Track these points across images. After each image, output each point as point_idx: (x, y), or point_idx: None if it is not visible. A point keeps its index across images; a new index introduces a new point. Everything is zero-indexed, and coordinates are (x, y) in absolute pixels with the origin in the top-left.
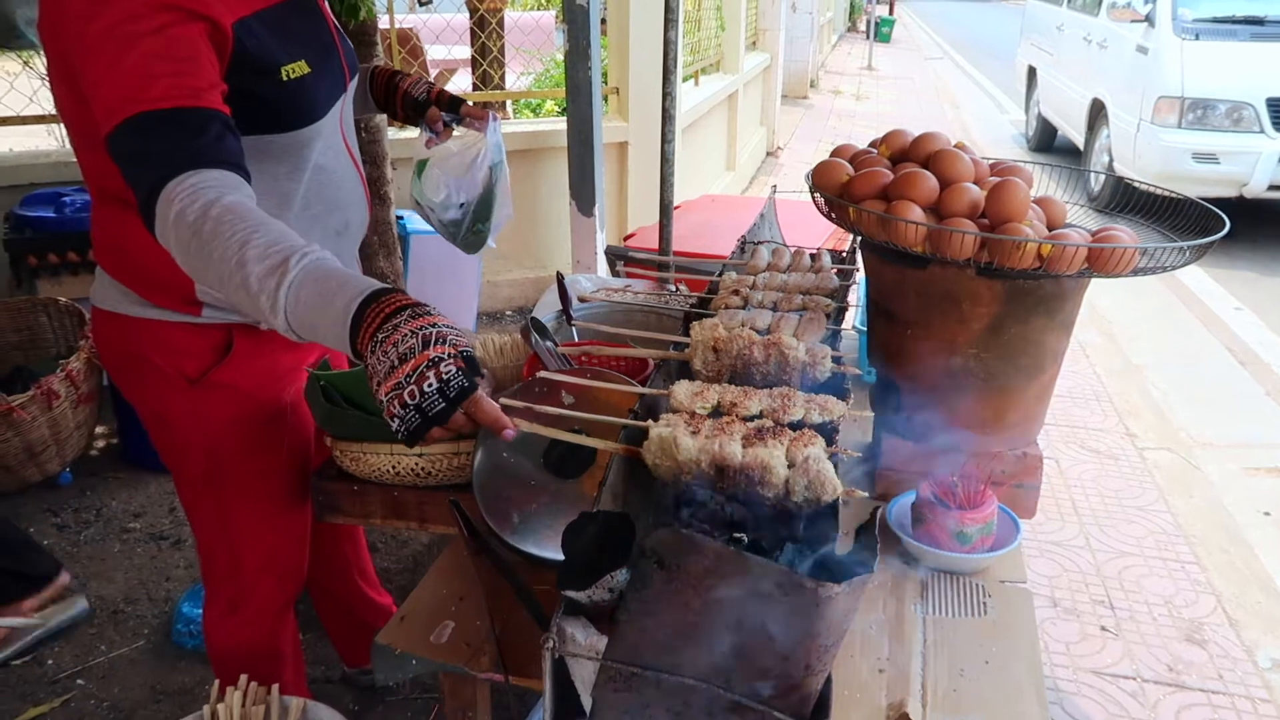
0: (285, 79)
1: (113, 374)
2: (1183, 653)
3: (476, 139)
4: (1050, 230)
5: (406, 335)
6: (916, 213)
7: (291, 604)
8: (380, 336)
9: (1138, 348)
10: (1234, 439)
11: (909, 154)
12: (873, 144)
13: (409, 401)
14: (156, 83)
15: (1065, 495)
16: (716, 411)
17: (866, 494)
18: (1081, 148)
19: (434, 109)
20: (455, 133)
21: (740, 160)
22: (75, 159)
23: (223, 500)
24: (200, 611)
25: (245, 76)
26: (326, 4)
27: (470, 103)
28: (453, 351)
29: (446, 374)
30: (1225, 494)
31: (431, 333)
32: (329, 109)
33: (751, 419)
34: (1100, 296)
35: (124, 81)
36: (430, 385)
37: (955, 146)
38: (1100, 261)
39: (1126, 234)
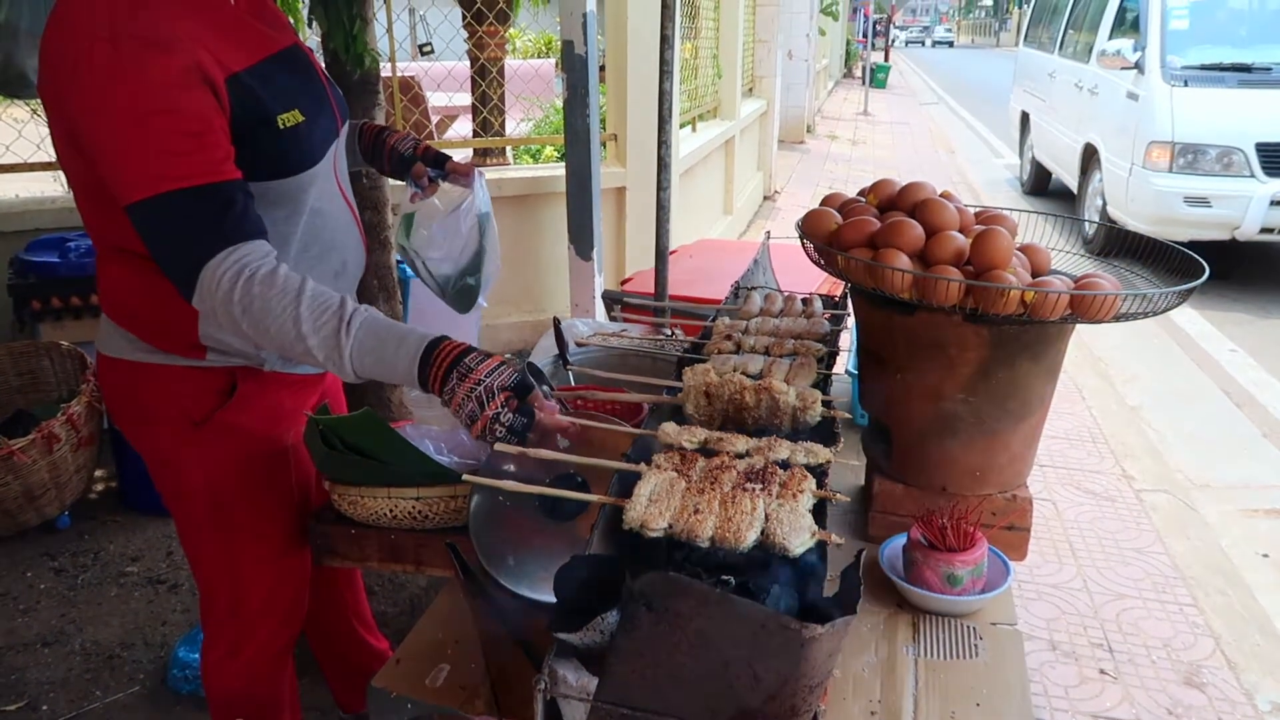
0: (281, 127)
1: (117, 419)
2: (1182, 696)
3: (462, 194)
4: (1034, 277)
5: (464, 400)
6: (903, 260)
7: (291, 647)
8: (445, 397)
9: (1133, 390)
10: (1231, 480)
11: (896, 203)
12: (861, 193)
13: (497, 437)
14: (181, 160)
15: (1062, 537)
16: (706, 449)
17: (839, 540)
18: (1075, 191)
19: (419, 164)
20: (441, 188)
21: (738, 204)
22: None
23: (226, 542)
24: (196, 656)
25: (244, 129)
26: (316, 55)
27: (455, 158)
28: (503, 400)
29: (508, 422)
30: (1223, 536)
31: (480, 392)
32: (323, 154)
33: (741, 456)
34: (1096, 339)
35: (149, 158)
36: (501, 433)
37: (941, 195)
38: (1082, 308)
39: (1108, 281)
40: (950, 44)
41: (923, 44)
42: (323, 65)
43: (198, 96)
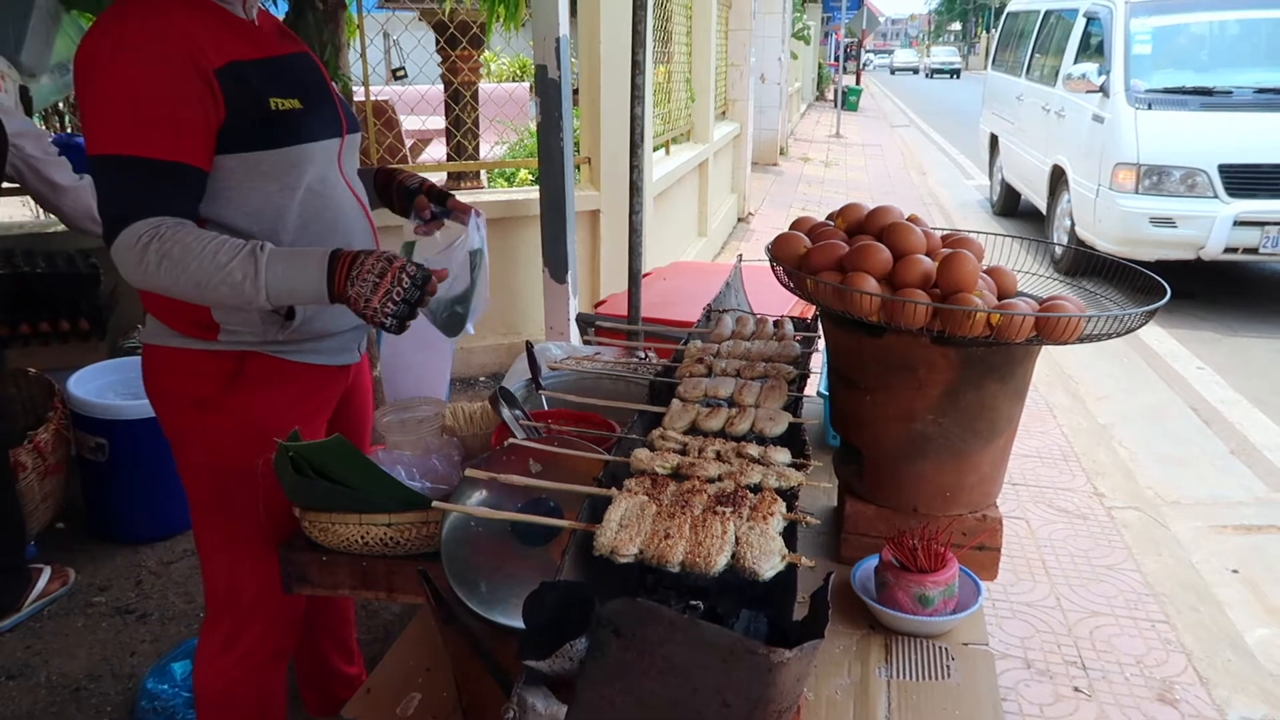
0: (273, 108)
1: (151, 403)
2: (1155, 712)
3: (460, 230)
4: (1001, 299)
5: (374, 265)
6: (871, 284)
7: (282, 658)
8: (354, 274)
9: (1104, 408)
10: (1200, 497)
11: (864, 226)
12: (830, 217)
13: (398, 298)
14: (148, 132)
15: (1036, 555)
16: (678, 474)
17: (811, 562)
18: (1044, 212)
19: (422, 197)
20: (443, 225)
21: (712, 226)
22: (50, 229)
23: (226, 525)
24: (165, 687)
25: (236, 107)
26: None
27: (432, 182)
28: (404, 262)
29: (413, 272)
30: (1193, 552)
31: (388, 255)
32: (321, 139)
33: (712, 480)
34: (1066, 358)
35: (124, 122)
36: (407, 282)
37: (908, 219)
38: (1047, 329)
39: (1073, 303)
40: (956, 73)
41: (915, 72)
42: None
43: (183, 84)
